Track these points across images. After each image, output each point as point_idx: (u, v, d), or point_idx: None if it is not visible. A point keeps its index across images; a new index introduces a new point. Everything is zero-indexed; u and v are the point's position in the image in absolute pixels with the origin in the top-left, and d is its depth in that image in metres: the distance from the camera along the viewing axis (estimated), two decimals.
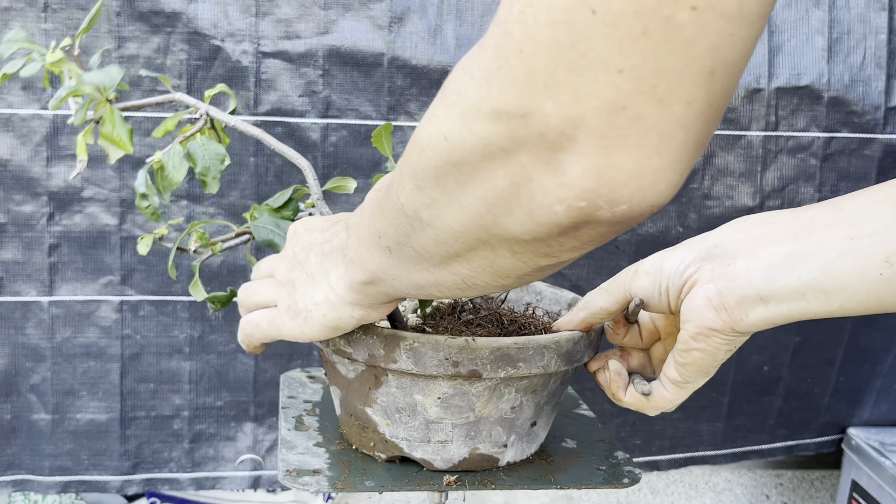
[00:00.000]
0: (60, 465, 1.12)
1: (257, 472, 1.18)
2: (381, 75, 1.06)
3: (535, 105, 0.35)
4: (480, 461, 0.67)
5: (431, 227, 0.44)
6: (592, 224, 0.38)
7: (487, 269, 0.45)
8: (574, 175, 0.36)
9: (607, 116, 0.34)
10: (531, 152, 0.37)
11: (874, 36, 1.12)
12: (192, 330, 1.11)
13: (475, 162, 0.39)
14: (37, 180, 1.04)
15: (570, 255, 0.42)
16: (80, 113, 0.70)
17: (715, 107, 0.35)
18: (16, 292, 1.06)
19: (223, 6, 1.03)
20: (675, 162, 0.36)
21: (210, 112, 0.74)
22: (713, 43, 0.33)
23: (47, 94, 1.02)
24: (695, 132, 0.36)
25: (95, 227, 1.06)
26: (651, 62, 0.33)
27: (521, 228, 0.40)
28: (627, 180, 0.36)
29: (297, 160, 0.75)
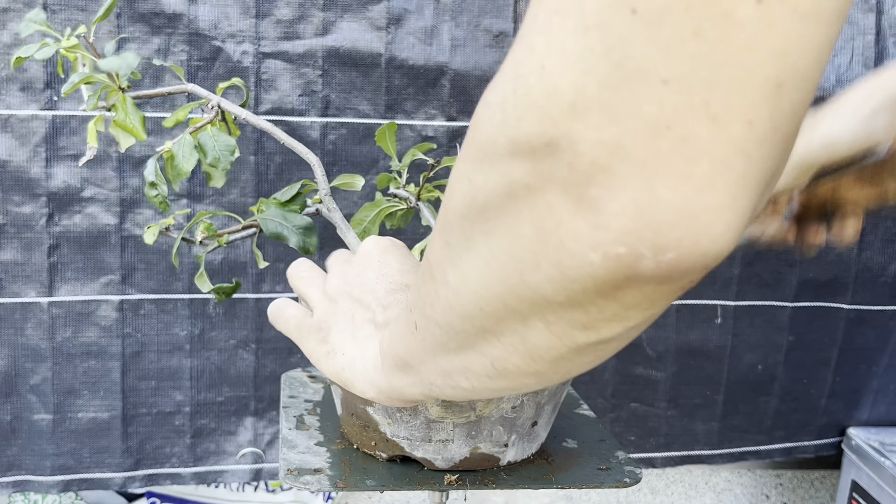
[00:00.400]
0: (62, 464, 1.12)
1: (258, 466, 1.18)
2: (379, 75, 1.08)
3: (561, 130, 0.29)
4: (481, 461, 0.68)
5: (455, 294, 0.38)
6: (636, 281, 0.31)
7: (518, 346, 0.37)
8: (610, 214, 0.29)
9: (649, 139, 0.28)
10: (559, 188, 0.30)
11: (862, 37, 1.13)
12: (192, 327, 1.12)
13: (498, 205, 0.33)
14: (36, 181, 1.04)
15: (611, 328, 0.35)
16: (92, 100, 0.71)
17: (782, 131, 0.28)
18: (15, 293, 1.06)
19: (223, 7, 1.04)
20: (734, 198, 0.29)
21: (221, 104, 0.75)
22: (782, 46, 0.27)
23: (46, 95, 1.02)
24: (758, 161, 0.28)
25: (95, 227, 1.07)
26: (703, 70, 0.27)
27: (552, 287, 0.33)
28: (674, 220, 0.29)
29: (307, 155, 0.76)
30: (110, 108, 0.72)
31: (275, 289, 1.12)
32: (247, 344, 1.14)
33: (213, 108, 0.75)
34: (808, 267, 1.19)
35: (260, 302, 1.13)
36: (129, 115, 0.71)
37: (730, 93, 0.27)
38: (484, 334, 0.38)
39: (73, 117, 1.04)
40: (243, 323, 1.13)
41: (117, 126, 0.71)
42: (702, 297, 1.20)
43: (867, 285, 1.21)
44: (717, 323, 1.21)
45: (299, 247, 0.75)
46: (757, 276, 1.19)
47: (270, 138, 1.05)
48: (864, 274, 1.20)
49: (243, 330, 1.13)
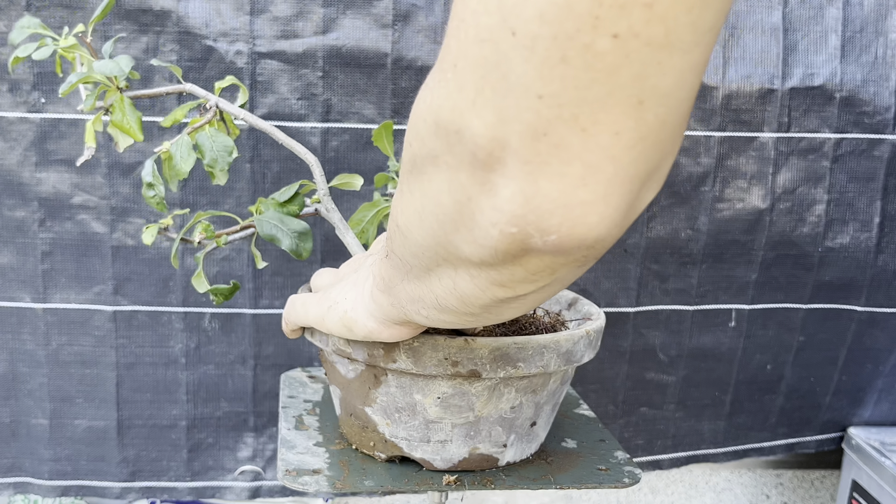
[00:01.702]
0: (60, 469, 1.15)
1: (257, 483, 1.20)
2: (385, 77, 1.05)
3: (466, 123, 0.35)
4: (480, 461, 0.69)
5: (405, 237, 0.45)
6: (533, 253, 0.38)
7: (453, 291, 0.45)
8: (504, 199, 0.36)
9: (530, 142, 0.34)
10: (468, 171, 0.37)
11: (886, 35, 1.14)
12: (188, 341, 1.12)
13: (428, 171, 0.40)
14: (27, 185, 1.05)
15: (525, 287, 0.42)
16: (89, 100, 0.73)
17: (651, 139, 0.34)
18: (11, 297, 1.09)
19: (215, 3, 1.02)
20: (606, 195, 0.35)
21: (220, 104, 0.76)
22: (639, 72, 0.32)
23: (34, 97, 1.02)
24: (627, 165, 0.34)
25: (86, 235, 1.08)
26: (571, 90, 0.32)
27: (469, 249, 0.40)
28: (553, 209, 0.35)
29: (305, 155, 0.78)
30: (108, 108, 0.74)
31: (273, 303, 1.12)
32: (245, 360, 1.14)
33: (212, 108, 0.76)
34: (825, 270, 1.20)
35: (258, 317, 1.13)
36: (126, 116, 0.73)
37: (595, 109, 0.32)
38: (428, 273, 0.46)
39: (61, 120, 1.03)
40: (240, 338, 1.13)
41: (115, 126, 0.73)
42: (717, 302, 1.21)
43: (882, 288, 1.22)
44: (731, 326, 1.22)
45: (291, 250, 0.77)
46: (773, 279, 1.20)
47: (267, 146, 1.06)
48: (879, 276, 1.21)
49: (241, 345, 1.14)
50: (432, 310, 0.50)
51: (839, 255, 1.20)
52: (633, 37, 0.31)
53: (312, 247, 0.79)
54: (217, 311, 1.12)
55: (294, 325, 0.71)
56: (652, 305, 1.20)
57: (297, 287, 1.12)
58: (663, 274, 1.18)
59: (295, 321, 0.70)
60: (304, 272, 1.12)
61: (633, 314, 1.20)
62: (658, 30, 0.31)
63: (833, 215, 1.18)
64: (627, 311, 1.19)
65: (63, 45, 0.74)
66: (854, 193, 1.18)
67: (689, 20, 0.31)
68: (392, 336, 0.60)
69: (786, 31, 1.12)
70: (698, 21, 0.31)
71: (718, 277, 1.20)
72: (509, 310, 0.46)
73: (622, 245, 1.16)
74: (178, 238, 0.79)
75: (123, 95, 0.74)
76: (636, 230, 1.16)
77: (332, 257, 1.11)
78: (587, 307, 0.77)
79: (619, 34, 0.31)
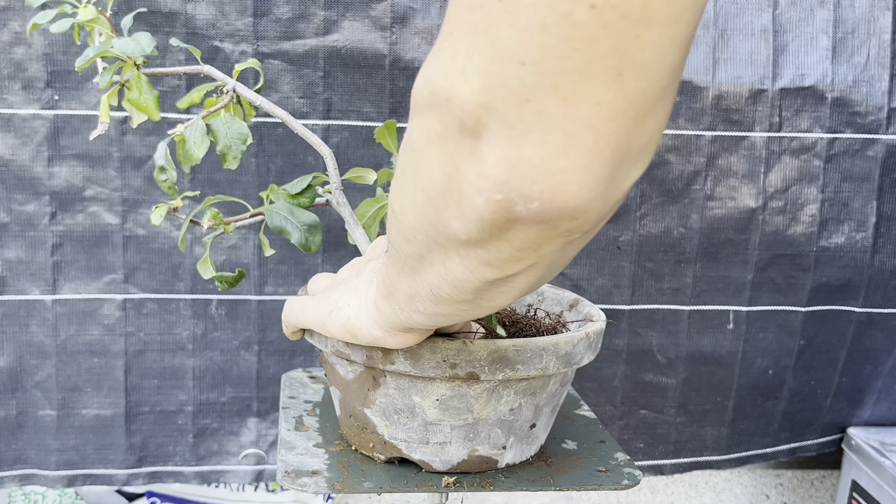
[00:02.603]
0: (67, 459, 1.14)
1: (260, 467, 1.20)
2: (383, 77, 1.06)
3: (456, 89, 0.36)
4: (479, 463, 0.68)
5: (399, 222, 0.45)
6: (515, 223, 0.38)
7: (445, 276, 0.45)
8: (490, 165, 0.36)
9: (514, 108, 0.34)
10: (457, 139, 0.37)
11: (878, 36, 1.13)
12: (195, 327, 1.13)
13: (421, 146, 0.40)
14: (38, 180, 1.05)
15: (511, 266, 0.42)
16: (106, 75, 0.71)
17: (633, 111, 0.34)
18: (20, 291, 1.08)
19: (220, 6, 1.03)
20: (587, 165, 0.35)
21: (237, 89, 0.75)
22: (617, 44, 0.32)
23: (48, 94, 1.03)
24: (609, 136, 0.34)
25: (98, 227, 1.08)
26: (551, 58, 0.32)
27: (457, 226, 0.40)
28: (536, 176, 0.35)
29: (320, 147, 0.76)
30: (125, 84, 0.72)
31: (277, 290, 1.13)
32: (249, 345, 1.14)
33: (229, 91, 0.74)
34: (823, 271, 1.19)
35: (262, 304, 1.13)
36: (143, 94, 0.71)
37: (575, 78, 0.32)
38: (421, 261, 0.46)
39: (73, 116, 1.04)
40: (245, 324, 1.13)
41: (131, 103, 0.71)
42: (714, 303, 1.20)
43: (879, 288, 1.21)
44: (729, 328, 1.21)
45: (300, 244, 0.75)
46: (770, 281, 1.19)
47: (272, 141, 1.06)
48: (876, 277, 1.20)
49: (246, 331, 1.14)
50: (428, 303, 0.49)
51: (835, 255, 1.19)
52: (609, 8, 0.31)
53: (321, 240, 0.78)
54: (223, 298, 1.12)
55: (293, 328, 0.70)
56: (647, 304, 1.19)
57: (302, 276, 1.13)
58: (658, 272, 1.17)
59: (294, 323, 0.68)
60: (308, 261, 1.12)
61: (628, 312, 1.19)
62: (635, 3, 0.31)
63: (827, 215, 1.17)
64: (622, 308, 1.18)
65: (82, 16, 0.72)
66: (849, 193, 1.17)
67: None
68: (397, 343, 0.59)
69: (776, 32, 1.12)
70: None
71: (714, 277, 1.18)
72: (500, 295, 0.46)
73: (615, 242, 1.16)
74: (187, 220, 0.78)
75: (141, 72, 0.72)
76: (629, 227, 1.15)
77: (334, 248, 1.11)
78: (588, 309, 0.76)
79: (596, 4, 0.31)
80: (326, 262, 1.12)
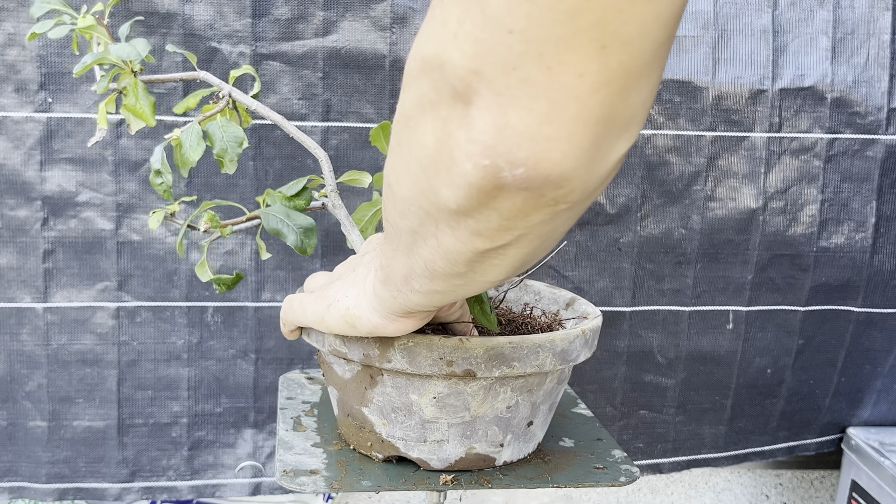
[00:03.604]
0: (58, 472, 1.12)
1: (258, 479, 1.18)
2: (383, 78, 1.05)
3: (448, 55, 0.36)
4: (477, 461, 0.68)
5: (394, 194, 0.46)
6: (503, 191, 0.38)
7: (438, 249, 0.46)
8: (478, 130, 0.37)
9: (502, 75, 0.35)
10: (448, 105, 0.37)
11: (878, 36, 1.12)
12: (190, 336, 1.11)
13: (414, 115, 0.40)
14: (31, 184, 1.04)
15: (501, 236, 0.42)
16: (103, 82, 0.71)
17: (616, 84, 0.35)
18: (10, 298, 1.06)
19: (218, 6, 1.02)
20: (571, 134, 0.36)
21: (233, 94, 0.74)
22: (600, 17, 0.32)
23: (40, 97, 1.01)
24: (593, 107, 0.35)
25: (91, 233, 1.06)
26: (536, 27, 0.33)
27: (447, 193, 0.40)
28: (521, 142, 0.36)
29: (315, 150, 0.76)
30: (121, 90, 0.72)
31: (275, 297, 1.11)
32: (246, 353, 1.13)
33: (224, 97, 0.74)
34: (822, 271, 1.19)
35: (259, 311, 1.11)
36: (139, 100, 0.71)
37: (559, 49, 0.33)
38: (415, 236, 0.46)
39: (67, 119, 1.03)
40: (242, 332, 1.12)
41: (128, 110, 0.71)
42: (714, 303, 1.19)
43: (878, 288, 1.20)
44: (729, 328, 1.20)
45: (296, 246, 0.75)
46: (770, 281, 1.19)
47: (269, 144, 1.05)
48: (875, 277, 1.19)
49: (242, 339, 1.12)
50: (423, 279, 0.50)
51: (835, 255, 1.18)
52: None
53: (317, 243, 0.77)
54: (220, 305, 1.11)
55: (292, 326, 0.69)
56: (648, 306, 1.18)
57: (299, 281, 1.11)
58: (658, 273, 1.17)
59: (293, 321, 0.68)
60: (306, 266, 1.11)
61: (629, 314, 1.18)
62: None
63: (827, 215, 1.17)
64: (623, 310, 1.18)
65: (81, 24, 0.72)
66: (848, 194, 1.16)
67: None
68: (397, 330, 0.59)
69: (776, 33, 1.11)
70: None
71: (714, 278, 1.18)
72: (493, 267, 0.46)
73: (616, 243, 1.15)
74: (184, 224, 0.77)
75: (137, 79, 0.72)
76: (629, 228, 1.14)
77: (333, 252, 1.10)
78: (584, 307, 0.75)
79: None
80: (325, 266, 1.11)
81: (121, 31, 0.75)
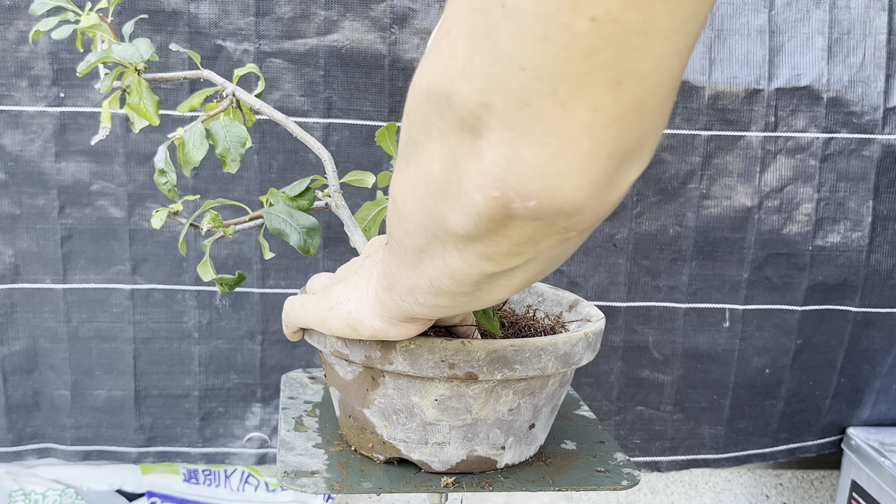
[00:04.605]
0: (81, 436, 1.18)
1: (264, 450, 1.22)
2: (383, 77, 1.06)
3: (456, 88, 0.35)
4: (478, 463, 0.67)
5: (400, 213, 0.45)
6: (515, 220, 0.37)
7: (444, 269, 0.45)
8: (488, 162, 0.36)
9: (513, 110, 0.34)
10: (457, 135, 0.37)
11: (874, 36, 1.12)
12: (200, 317, 1.15)
13: (422, 140, 0.39)
14: (47, 175, 1.07)
15: (511, 261, 0.42)
16: (107, 80, 0.70)
17: (630, 118, 0.34)
18: (33, 280, 1.11)
19: (223, 5, 1.03)
20: (583, 168, 0.35)
21: (237, 93, 0.74)
22: (616, 55, 0.32)
23: (54, 92, 1.03)
24: (606, 141, 0.34)
25: (104, 220, 1.10)
26: (551, 65, 0.32)
27: (456, 220, 0.40)
28: (533, 175, 0.35)
29: (319, 150, 0.75)
30: (125, 89, 0.71)
31: (280, 283, 1.14)
32: (253, 335, 1.16)
33: (228, 96, 0.73)
34: (818, 271, 1.18)
35: (265, 296, 1.15)
36: (143, 99, 0.70)
37: (574, 86, 0.32)
38: (420, 254, 0.45)
39: (80, 114, 1.05)
40: (249, 315, 1.15)
41: (131, 108, 0.70)
42: (710, 301, 1.19)
43: (876, 288, 1.20)
44: (725, 327, 1.20)
45: (299, 246, 0.74)
46: (766, 279, 1.18)
47: (273, 138, 1.05)
48: (872, 277, 1.19)
49: (249, 322, 1.16)
50: (428, 295, 0.49)
51: (831, 254, 1.18)
52: (610, 21, 0.31)
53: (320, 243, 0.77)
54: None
55: (294, 327, 0.68)
56: (643, 301, 1.18)
57: (303, 269, 1.14)
58: (654, 270, 1.16)
59: (294, 322, 0.67)
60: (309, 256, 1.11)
61: (624, 309, 1.18)
62: (635, 16, 0.31)
63: (823, 214, 1.16)
64: (618, 305, 1.17)
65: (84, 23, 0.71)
66: (845, 193, 1.16)
67: (667, 9, 0.31)
68: (399, 334, 0.58)
69: (772, 33, 1.10)
70: (676, 10, 0.31)
71: (710, 275, 1.17)
72: (499, 287, 0.45)
73: (611, 240, 1.14)
74: (187, 223, 0.76)
75: (141, 78, 0.71)
76: (625, 225, 1.14)
77: (335, 244, 1.10)
78: (588, 309, 0.74)
79: (596, 17, 0.31)
80: (327, 257, 1.12)
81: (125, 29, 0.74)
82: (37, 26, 0.71)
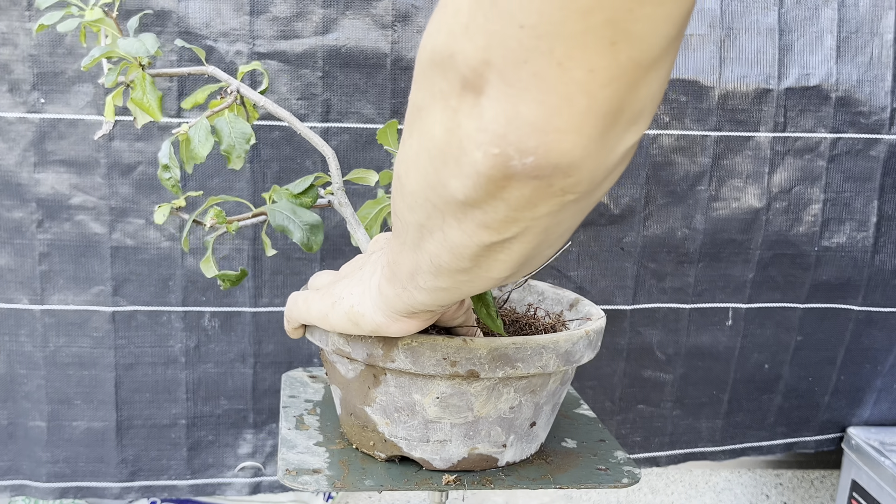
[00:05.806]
0: (58, 471, 1.14)
1: (257, 479, 1.19)
2: (384, 77, 1.05)
3: (459, 46, 0.37)
4: (479, 461, 0.68)
5: (402, 186, 0.47)
6: (513, 180, 0.39)
7: (444, 243, 0.47)
8: (488, 119, 0.38)
9: (513, 67, 0.36)
10: (458, 95, 0.39)
11: (882, 36, 1.13)
12: (187, 340, 1.11)
13: (426, 105, 0.41)
14: (25, 186, 1.04)
15: (508, 228, 0.43)
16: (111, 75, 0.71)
17: (626, 79, 0.36)
18: (9, 299, 1.07)
19: (215, 4, 1.01)
20: (580, 126, 0.37)
21: (241, 90, 0.75)
22: (610, 16, 0.33)
23: (34, 97, 1.01)
24: (602, 100, 0.36)
25: (85, 236, 1.06)
26: (547, 24, 0.34)
27: (455, 184, 0.42)
28: (531, 132, 0.37)
29: (322, 148, 0.77)
30: (129, 83, 0.72)
31: (273, 301, 1.11)
32: (244, 358, 1.13)
33: (233, 92, 0.75)
34: (823, 270, 1.20)
35: (258, 315, 1.12)
36: (146, 94, 0.72)
37: (570, 45, 0.34)
38: (421, 230, 0.47)
39: (60, 121, 1.02)
40: (240, 336, 1.12)
41: (134, 103, 0.72)
42: (714, 301, 1.20)
43: (879, 287, 1.21)
44: (728, 325, 1.21)
45: (303, 243, 0.76)
46: (770, 279, 1.20)
47: (268, 145, 1.05)
48: (876, 276, 1.20)
49: (240, 343, 1.13)
50: (429, 275, 0.51)
51: (836, 254, 1.19)
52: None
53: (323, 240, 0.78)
54: (216, 310, 1.11)
55: (296, 323, 0.70)
56: (649, 303, 1.19)
57: (297, 286, 1.11)
58: (660, 272, 1.17)
59: (297, 318, 0.69)
60: (304, 271, 1.11)
61: (630, 312, 1.19)
62: None
63: (829, 214, 1.17)
64: (624, 308, 1.18)
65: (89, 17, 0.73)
66: (850, 193, 1.17)
67: None
68: (400, 330, 0.60)
69: (781, 31, 1.11)
70: None
71: (715, 276, 1.19)
72: (497, 263, 0.47)
73: (619, 243, 1.16)
74: (190, 218, 0.78)
75: (145, 73, 0.73)
76: (633, 228, 1.15)
77: (332, 256, 1.10)
78: (588, 308, 0.76)
79: None
80: (324, 269, 1.10)
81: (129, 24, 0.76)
82: (41, 20, 0.73)
